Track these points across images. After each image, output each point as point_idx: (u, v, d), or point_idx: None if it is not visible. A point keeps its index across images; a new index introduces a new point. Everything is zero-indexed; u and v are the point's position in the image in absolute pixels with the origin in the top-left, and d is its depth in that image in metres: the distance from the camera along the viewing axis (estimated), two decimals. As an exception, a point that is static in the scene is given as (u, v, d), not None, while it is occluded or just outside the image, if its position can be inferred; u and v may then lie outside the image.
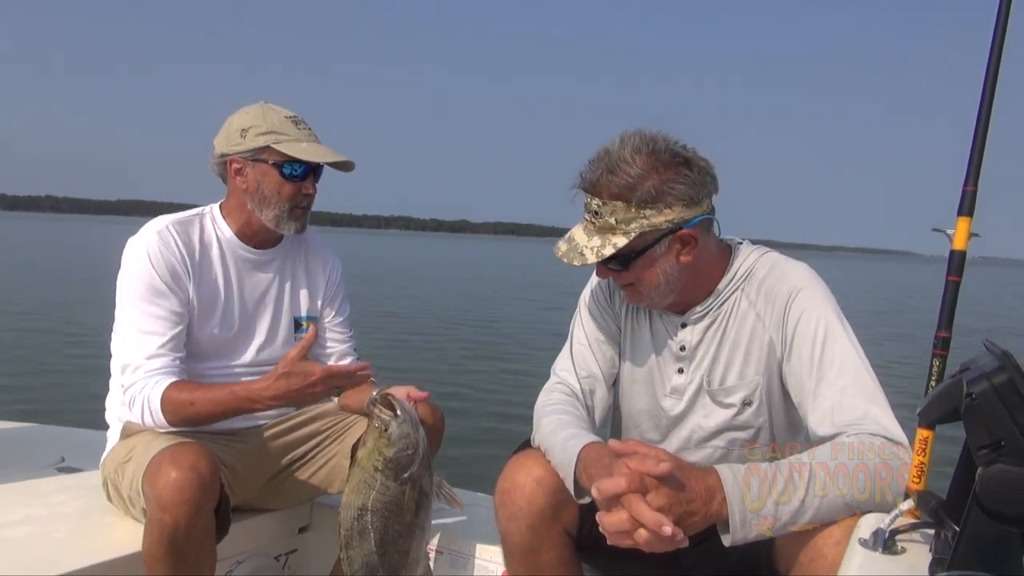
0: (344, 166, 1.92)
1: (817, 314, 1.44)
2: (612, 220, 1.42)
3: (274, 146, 1.83)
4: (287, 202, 1.87)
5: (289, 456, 1.96)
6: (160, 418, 1.70)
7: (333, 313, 2.10)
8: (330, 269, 2.11)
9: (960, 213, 1.44)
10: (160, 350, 1.74)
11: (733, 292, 1.53)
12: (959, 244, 1.43)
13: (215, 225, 1.93)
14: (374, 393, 1.43)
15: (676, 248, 1.45)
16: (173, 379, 1.73)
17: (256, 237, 1.95)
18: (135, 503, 1.70)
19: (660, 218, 1.41)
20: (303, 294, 2.05)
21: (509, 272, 36.78)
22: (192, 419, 1.72)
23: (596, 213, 1.43)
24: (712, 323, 1.54)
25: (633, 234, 1.41)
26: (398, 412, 1.37)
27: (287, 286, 2.03)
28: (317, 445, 1.99)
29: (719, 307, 1.53)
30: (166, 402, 1.69)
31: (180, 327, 1.79)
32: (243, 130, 1.85)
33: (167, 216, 1.89)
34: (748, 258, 1.55)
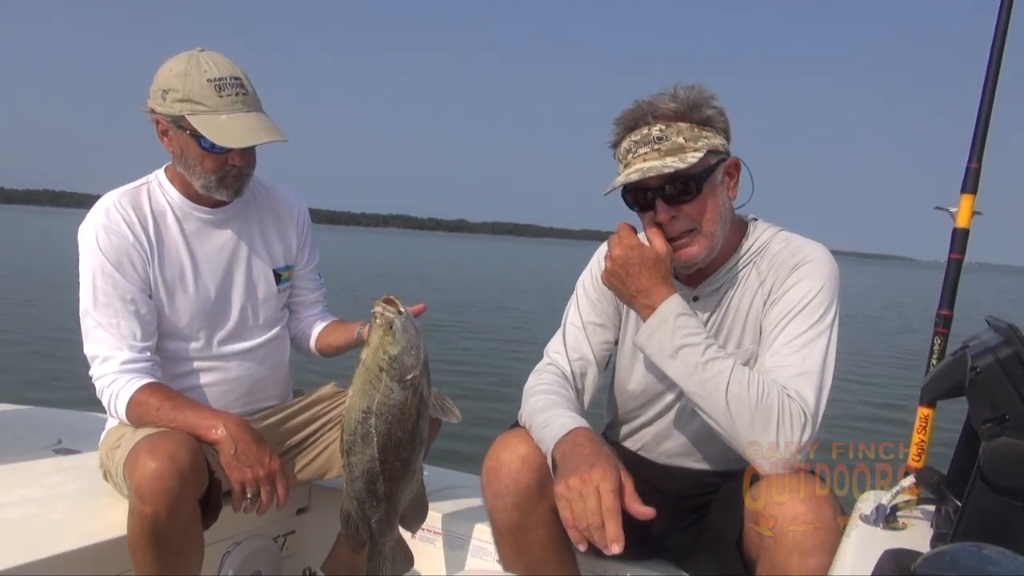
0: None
1: (811, 285, 1.44)
2: (680, 139, 1.40)
3: (189, 117, 1.64)
4: (212, 174, 1.71)
5: (287, 443, 1.92)
6: (122, 415, 1.67)
7: (304, 261, 2.01)
8: (297, 212, 1.99)
9: (964, 190, 1.42)
10: (129, 341, 1.69)
11: (746, 266, 1.53)
12: (962, 222, 1.42)
13: (163, 191, 1.80)
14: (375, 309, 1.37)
15: (727, 180, 1.48)
16: (147, 380, 1.67)
17: (204, 197, 1.79)
18: (123, 489, 1.68)
19: (717, 140, 1.43)
20: (276, 244, 1.94)
21: (508, 269, 36.77)
22: (151, 424, 1.63)
23: (659, 139, 1.40)
24: (722, 298, 1.55)
25: (702, 152, 1.40)
26: (401, 309, 1.34)
27: (256, 239, 1.90)
28: (316, 431, 1.96)
29: (731, 281, 1.54)
30: (134, 404, 1.65)
31: (144, 313, 1.72)
32: (164, 91, 1.66)
33: (115, 191, 1.77)
34: (764, 234, 1.55)
